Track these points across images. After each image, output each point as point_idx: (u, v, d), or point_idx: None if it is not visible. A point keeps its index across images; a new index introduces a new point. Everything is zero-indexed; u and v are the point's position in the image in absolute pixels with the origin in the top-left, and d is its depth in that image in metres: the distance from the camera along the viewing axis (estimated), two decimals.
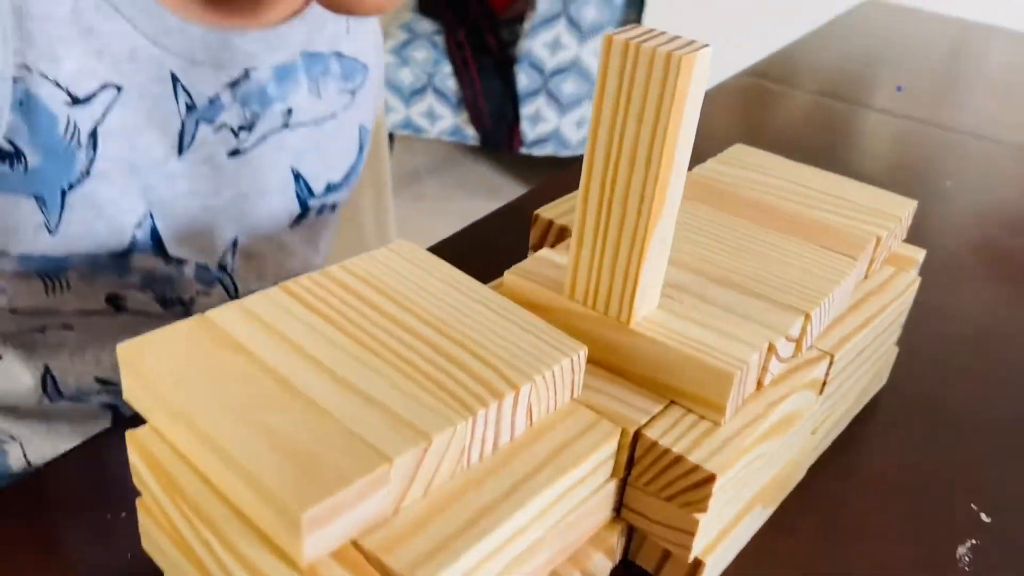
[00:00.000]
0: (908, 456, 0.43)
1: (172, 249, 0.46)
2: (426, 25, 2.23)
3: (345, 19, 0.50)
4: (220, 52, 0.43)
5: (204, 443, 0.26)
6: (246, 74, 0.45)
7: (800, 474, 0.40)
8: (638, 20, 2.01)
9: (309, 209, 0.52)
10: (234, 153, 0.46)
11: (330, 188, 0.52)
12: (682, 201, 0.37)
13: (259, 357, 0.28)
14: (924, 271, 0.47)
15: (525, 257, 0.38)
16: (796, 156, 0.49)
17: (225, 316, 0.30)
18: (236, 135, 0.46)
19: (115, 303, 0.46)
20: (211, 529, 0.26)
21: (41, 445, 0.51)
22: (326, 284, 0.32)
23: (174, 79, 0.42)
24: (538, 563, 0.30)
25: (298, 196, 0.50)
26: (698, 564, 0.33)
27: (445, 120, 2.16)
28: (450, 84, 2.13)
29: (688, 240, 0.39)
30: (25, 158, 0.39)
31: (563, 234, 0.41)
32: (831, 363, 0.37)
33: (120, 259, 0.44)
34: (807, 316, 0.35)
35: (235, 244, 0.49)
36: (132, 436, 0.29)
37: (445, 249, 0.51)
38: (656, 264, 0.32)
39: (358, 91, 0.52)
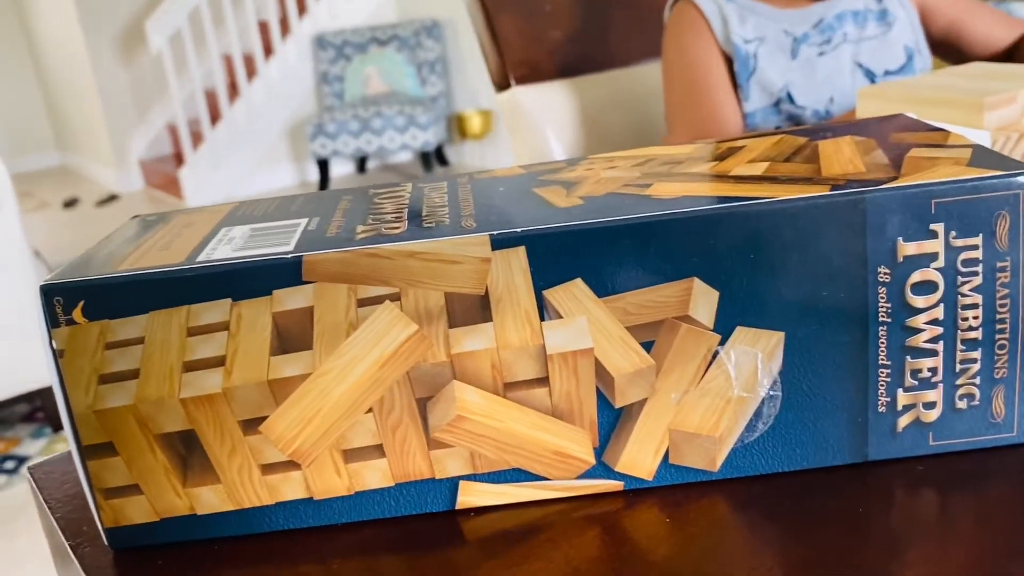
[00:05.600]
0: None
1: (800, 101, 0.92)
2: None
3: (878, 2, 0.94)
4: (805, 21, 0.91)
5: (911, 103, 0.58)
6: (820, 21, 0.91)
7: None
8: None
9: (876, 82, 0.93)
10: (820, 54, 0.91)
11: (888, 72, 0.94)
12: None
13: None
14: None
15: None
16: None
17: None
18: (820, 47, 0.91)
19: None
20: None
21: None
22: None
23: (785, 32, 0.91)
24: None
25: (865, 75, 0.93)
26: None
27: None
28: None
29: None
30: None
31: None
32: None
33: (777, 105, 0.92)
34: None
35: (832, 99, 0.92)
36: None
37: None
38: None
39: (890, 28, 0.93)
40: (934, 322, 0.30)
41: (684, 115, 0.88)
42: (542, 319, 0.30)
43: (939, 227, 0.30)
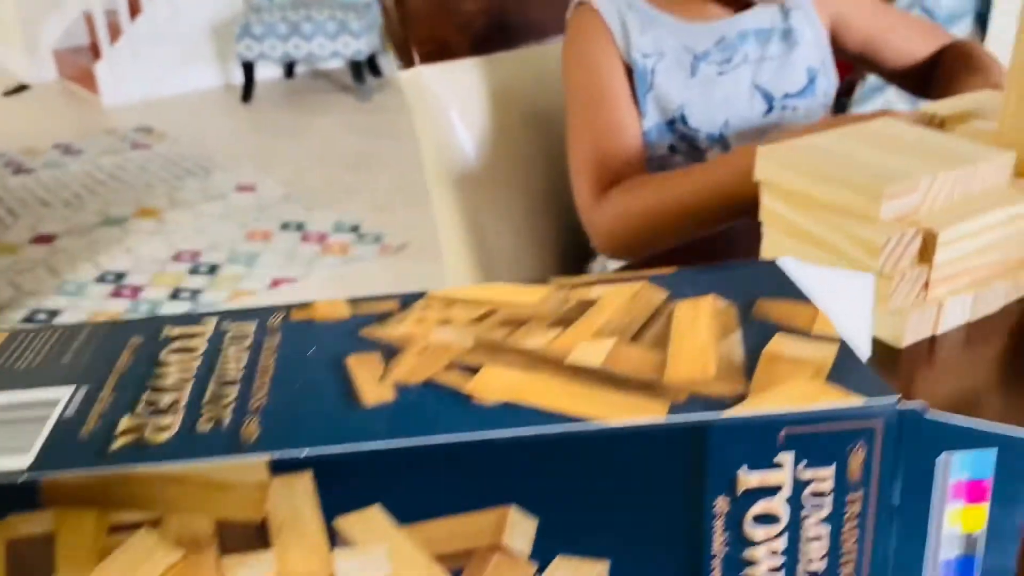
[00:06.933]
0: None
1: (693, 123, 0.88)
2: None
3: (784, 19, 0.90)
4: (707, 37, 0.87)
5: (811, 175, 0.54)
6: (721, 39, 0.87)
7: None
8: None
9: (774, 107, 0.90)
10: (720, 74, 0.88)
11: (787, 96, 0.90)
12: None
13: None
14: None
15: None
16: None
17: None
18: (719, 66, 0.87)
19: (673, 149, 0.90)
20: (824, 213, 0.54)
21: None
22: None
23: (686, 48, 0.87)
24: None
25: (763, 97, 0.89)
26: None
27: None
28: None
29: None
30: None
31: None
32: None
33: (671, 124, 0.88)
34: None
35: (726, 123, 0.89)
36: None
37: None
38: None
39: (794, 48, 0.90)
40: (774, 554, 0.27)
41: (584, 123, 0.82)
42: (334, 546, 0.26)
43: (787, 457, 0.26)
